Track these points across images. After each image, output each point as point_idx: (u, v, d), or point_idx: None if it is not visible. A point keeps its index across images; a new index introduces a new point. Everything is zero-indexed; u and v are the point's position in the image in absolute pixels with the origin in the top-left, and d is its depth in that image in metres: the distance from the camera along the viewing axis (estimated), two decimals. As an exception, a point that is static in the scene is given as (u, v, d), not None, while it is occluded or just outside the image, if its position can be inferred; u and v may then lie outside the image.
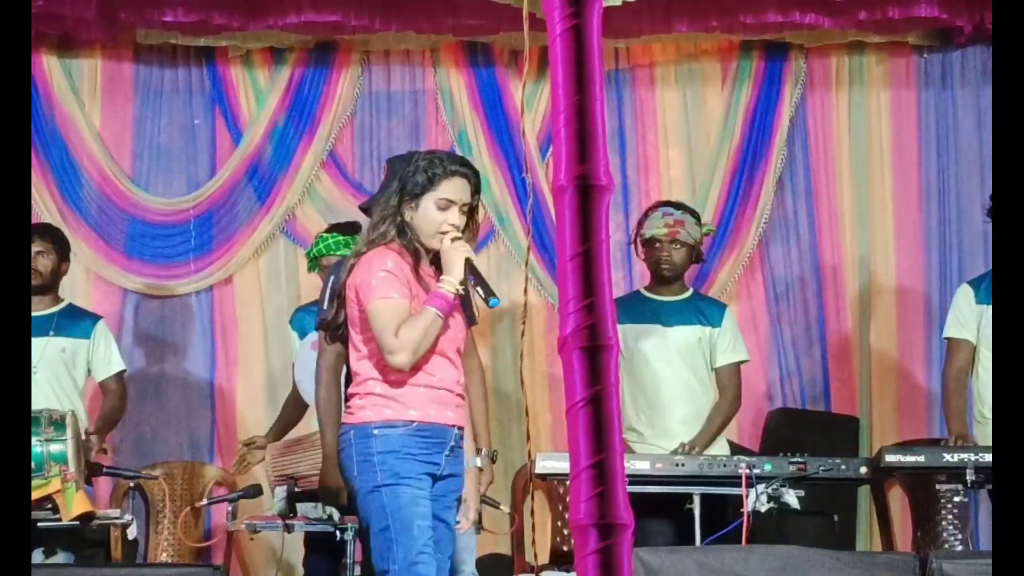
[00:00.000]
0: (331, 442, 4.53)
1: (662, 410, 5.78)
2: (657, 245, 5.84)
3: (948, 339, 5.89)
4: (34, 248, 6.01)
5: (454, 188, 4.21)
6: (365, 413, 4.15)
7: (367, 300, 4.13)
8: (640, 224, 5.93)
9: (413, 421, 4.13)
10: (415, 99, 7.32)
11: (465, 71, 7.28)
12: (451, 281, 4.12)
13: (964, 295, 5.85)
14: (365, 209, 4.61)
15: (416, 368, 4.14)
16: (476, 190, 4.28)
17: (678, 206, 5.96)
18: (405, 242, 4.19)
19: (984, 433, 5.54)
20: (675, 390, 5.75)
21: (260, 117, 7.22)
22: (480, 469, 4.77)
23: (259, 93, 7.24)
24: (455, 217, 4.19)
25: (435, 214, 4.19)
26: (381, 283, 4.11)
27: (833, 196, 7.28)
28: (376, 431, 4.12)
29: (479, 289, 4.17)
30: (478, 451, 4.94)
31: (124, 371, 6.24)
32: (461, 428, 4.25)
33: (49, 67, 7.13)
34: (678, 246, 5.83)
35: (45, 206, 7.04)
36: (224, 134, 7.26)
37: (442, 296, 4.12)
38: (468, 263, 4.15)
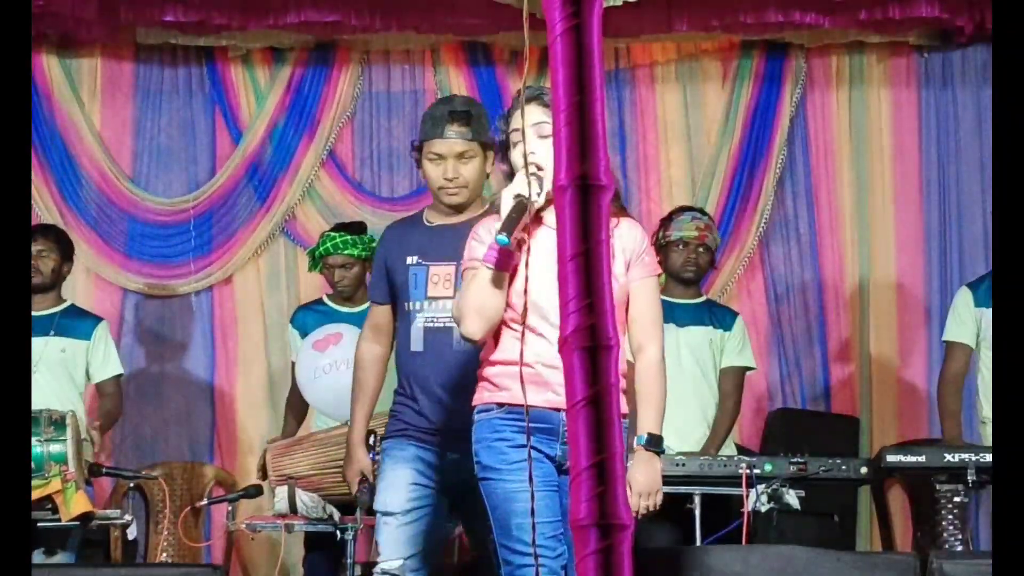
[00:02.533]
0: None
1: (670, 408, 5.78)
2: (682, 247, 5.94)
3: (946, 342, 5.91)
4: (37, 248, 6.01)
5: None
6: (480, 394, 3.85)
7: None
8: (665, 227, 5.99)
9: (503, 404, 3.74)
10: (415, 99, 7.32)
11: (465, 71, 7.28)
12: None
13: (963, 298, 5.86)
14: None
15: (496, 339, 3.75)
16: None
17: (702, 211, 6.15)
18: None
19: (989, 435, 5.55)
20: (684, 389, 5.76)
21: (260, 117, 7.22)
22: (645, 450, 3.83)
23: (259, 93, 7.24)
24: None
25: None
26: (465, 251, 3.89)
27: (833, 196, 7.28)
28: (477, 414, 3.83)
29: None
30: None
31: (121, 375, 6.23)
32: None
33: (49, 67, 7.13)
34: (704, 250, 5.94)
35: (45, 206, 7.04)
36: (224, 134, 7.27)
37: (490, 246, 3.71)
38: (516, 201, 3.68)
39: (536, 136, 3.72)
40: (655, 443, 3.80)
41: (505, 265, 3.69)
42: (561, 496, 3.73)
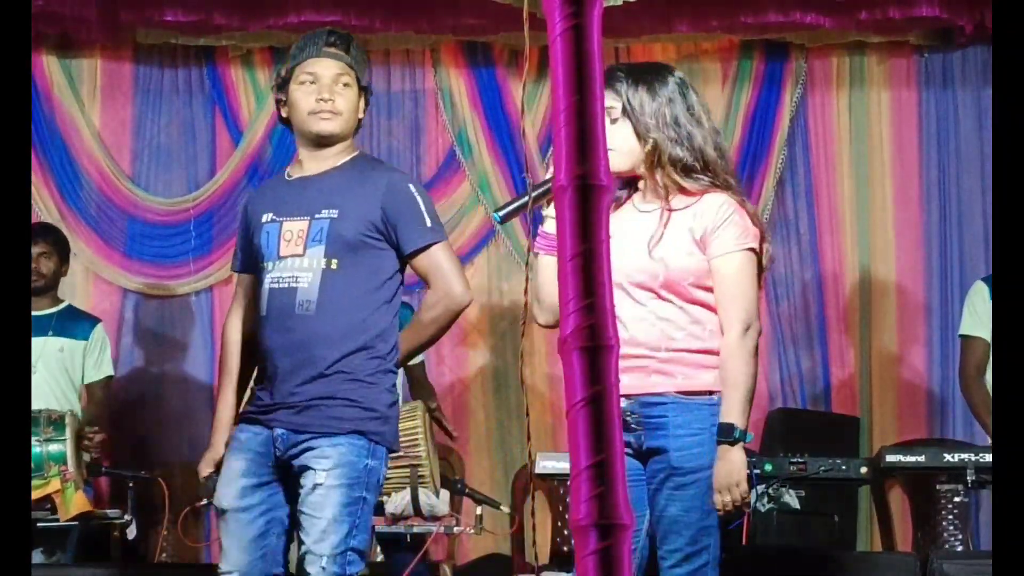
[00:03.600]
0: None
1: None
2: None
3: (963, 337, 5.83)
4: (37, 249, 6.02)
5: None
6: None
7: None
8: None
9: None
10: (415, 99, 7.32)
11: (465, 71, 7.28)
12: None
13: (979, 292, 5.80)
14: None
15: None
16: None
17: None
18: None
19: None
20: None
21: (260, 117, 7.21)
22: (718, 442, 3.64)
23: (259, 93, 7.24)
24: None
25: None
26: None
27: (833, 196, 7.28)
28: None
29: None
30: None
31: (112, 377, 6.23)
32: (627, 397, 3.55)
33: (49, 67, 7.13)
34: None
35: (45, 206, 7.04)
36: (224, 134, 7.26)
37: (539, 232, 3.80)
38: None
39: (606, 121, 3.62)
40: (725, 432, 3.57)
41: (553, 251, 3.55)
42: (637, 488, 3.59)
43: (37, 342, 5.89)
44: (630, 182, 3.79)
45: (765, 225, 3.83)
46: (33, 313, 5.89)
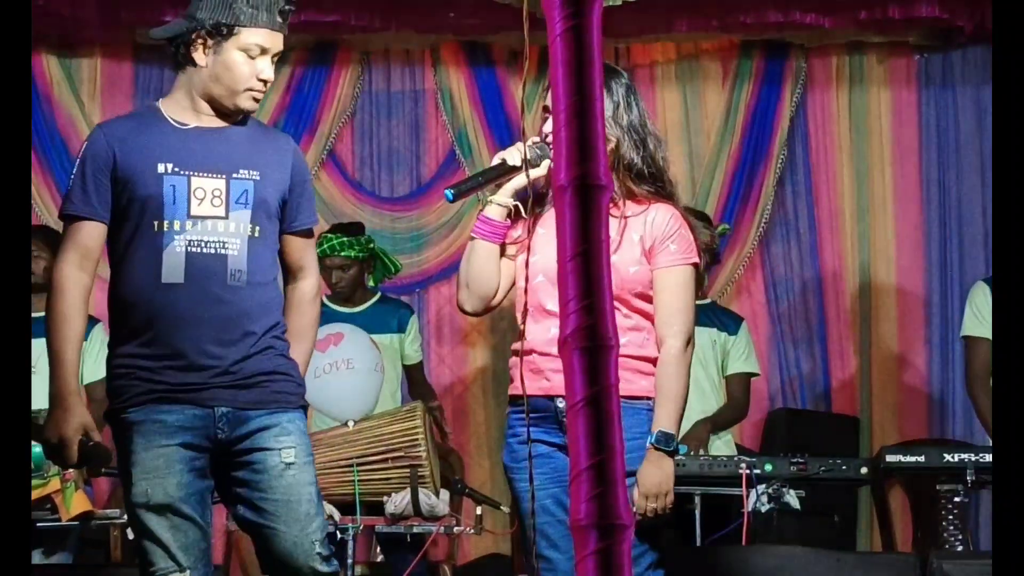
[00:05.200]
0: None
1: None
2: None
3: (967, 338, 5.75)
4: (32, 252, 6.02)
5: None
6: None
7: None
8: None
9: (511, 396, 3.68)
10: (415, 99, 7.32)
11: (465, 71, 7.28)
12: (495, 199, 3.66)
13: (981, 292, 5.75)
14: None
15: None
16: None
17: (701, 214, 6.05)
18: None
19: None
20: None
21: (260, 117, 7.20)
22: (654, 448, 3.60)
23: (259, 93, 7.23)
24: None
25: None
26: None
27: (833, 196, 7.28)
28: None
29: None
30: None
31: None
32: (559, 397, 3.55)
33: (49, 67, 7.13)
34: (704, 250, 5.92)
35: (45, 207, 7.04)
36: (224, 134, 7.26)
37: (479, 217, 3.71)
38: (498, 163, 3.63)
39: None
40: (665, 441, 3.55)
41: (491, 237, 3.67)
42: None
43: (36, 344, 5.88)
44: None
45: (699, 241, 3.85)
46: (32, 315, 5.88)
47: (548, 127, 3.67)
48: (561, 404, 3.52)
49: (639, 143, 3.67)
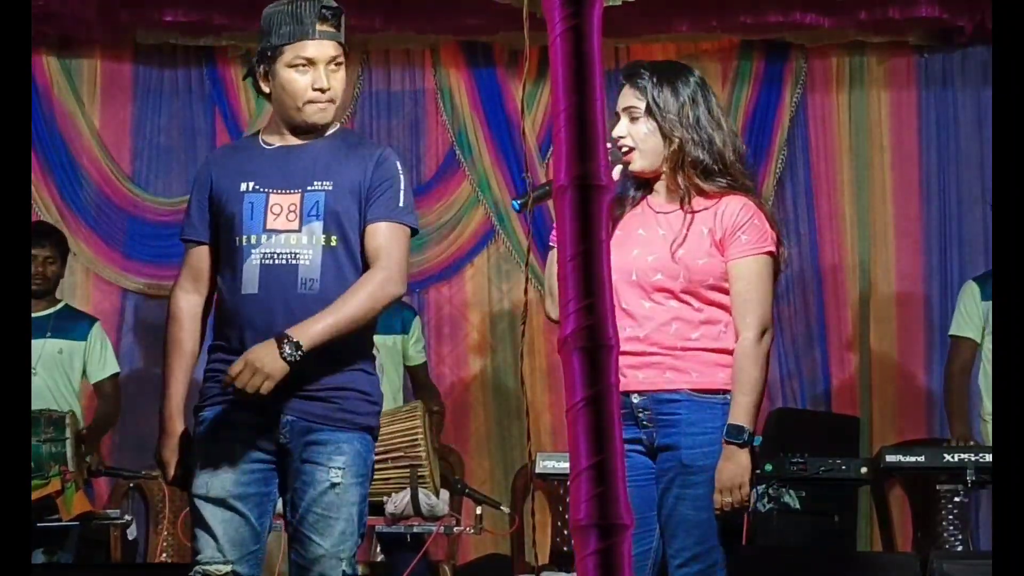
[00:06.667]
0: None
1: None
2: None
3: (952, 337, 5.87)
4: (44, 253, 6.03)
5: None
6: None
7: None
8: None
9: None
10: (415, 99, 7.32)
11: (465, 71, 7.28)
12: None
13: (970, 292, 5.82)
14: None
15: None
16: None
17: None
18: None
19: (990, 432, 5.53)
20: None
21: (260, 117, 7.20)
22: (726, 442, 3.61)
23: (259, 93, 7.24)
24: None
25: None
26: None
27: (833, 196, 7.28)
28: None
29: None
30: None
31: (118, 373, 6.24)
32: (640, 393, 3.62)
33: (49, 67, 7.12)
34: None
35: (45, 206, 7.04)
36: (224, 134, 7.26)
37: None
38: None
39: (628, 119, 3.70)
40: (735, 434, 3.55)
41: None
42: (648, 486, 3.61)
43: (36, 344, 5.90)
44: (645, 182, 3.79)
45: (781, 229, 3.83)
46: (32, 315, 5.89)
47: (617, 130, 3.69)
48: (636, 400, 3.61)
49: (706, 140, 3.68)
